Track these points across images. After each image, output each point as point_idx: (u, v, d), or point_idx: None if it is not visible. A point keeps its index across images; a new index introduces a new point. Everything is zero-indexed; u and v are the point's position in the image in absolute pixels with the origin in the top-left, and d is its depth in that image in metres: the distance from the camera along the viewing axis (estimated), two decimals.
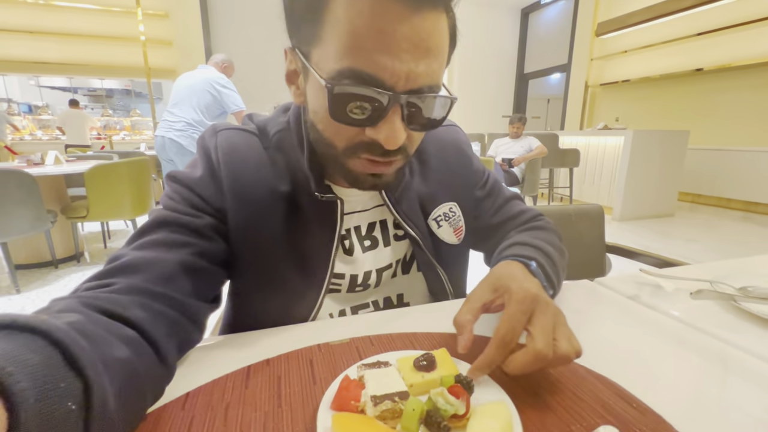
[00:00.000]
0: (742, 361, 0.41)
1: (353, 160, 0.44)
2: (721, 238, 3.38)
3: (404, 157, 0.45)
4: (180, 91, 2.74)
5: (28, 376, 0.22)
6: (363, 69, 0.36)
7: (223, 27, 5.16)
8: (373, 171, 0.44)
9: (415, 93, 0.39)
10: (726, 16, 3.88)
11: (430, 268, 0.58)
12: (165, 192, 0.49)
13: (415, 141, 0.46)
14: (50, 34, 4.87)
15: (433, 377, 0.34)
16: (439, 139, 0.62)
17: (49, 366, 0.23)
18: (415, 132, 0.44)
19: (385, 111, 0.38)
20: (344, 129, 0.41)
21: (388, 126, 0.39)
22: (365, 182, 0.46)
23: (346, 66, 0.37)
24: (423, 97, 0.40)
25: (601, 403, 0.34)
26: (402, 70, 0.37)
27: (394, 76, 0.37)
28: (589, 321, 0.49)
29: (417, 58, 0.37)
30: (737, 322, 0.49)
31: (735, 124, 4.06)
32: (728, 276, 0.58)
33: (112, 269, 0.39)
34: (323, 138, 0.44)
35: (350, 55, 0.36)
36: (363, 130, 0.41)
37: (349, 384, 0.32)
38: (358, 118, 0.39)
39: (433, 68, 0.39)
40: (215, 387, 0.36)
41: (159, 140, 2.75)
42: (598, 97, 5.59)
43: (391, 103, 0.38)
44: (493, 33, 6.44)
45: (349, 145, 0.43)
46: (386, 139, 0.39)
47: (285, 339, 0.45)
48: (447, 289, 0.60)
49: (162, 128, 2.74)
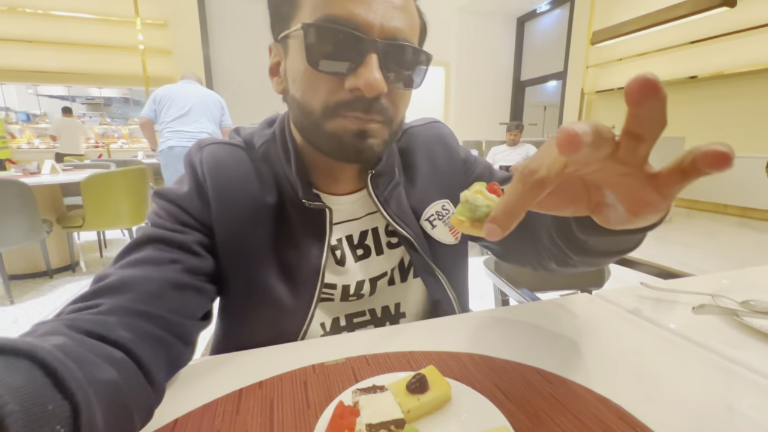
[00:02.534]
0: (746, 379, 0.40)
1: (334, 121, 0.43)
2: (719, 243, 3.38)
3: (387, 118, 0.45)
4: (191, 103, 2.80)
5: (16, 399, 0.21)
6: (336, 14, 0.40)
7: (222, 36, 5.21)
8: (357, 128, 0.43)
9: (390, 41, 0.41)
10: (719, 25, 3.92)
11: (429, 272, 0.57)
12: (152, 209, 0.48)
13: (397, 104, 0.46)
14: (49, 44, 4.89)
15: (429, 399, 0.32)
16: (423, 137, 0.61)
17: (36, 388, 0.22)
18: (396, 90, 0.45)
19: (361, 56, 0.41)
20: (322, 84, 0.42)
21: (366, 70, 0.40)
22: (350, 146, 0.44)
23: (321, 15, 0.40)
24: (399, 45, 0.42)
25: (604, 428, 0.33)
26: (375, 18, 0.40)
27: (367, 23, 0.40)
28: (590, 336, 0.48)
29: (389, 10, 0.41)
30: (740, 337, 0.48)
31: (730, 130, 4.09)
32: (730, 289, 0.57)
33: (97, 290, 0.38)
34: (303, 106, 0.45)
35: (325, 6, 0.40)
36: (342, 84, 0.42)
37: (343, 411, 0.31)
38: (335, 67, 0.41)
39: (406, 24, 0.43)
40: (205, 412, 0.35)
41: (180, 150, 2.76)
42: (594, 104, 5.63)
43: (367, 47, 0.40)
44: (490, 42, 6.50)
45: (329, 103, 0.43)
46: (366, 84, 0.40)
47: (278, 359, 0.44)
48: (449, 294, 0.58)
49: (182, 139, 2.76)
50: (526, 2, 6.03)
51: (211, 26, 5.15)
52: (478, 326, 0.51)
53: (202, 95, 2.87)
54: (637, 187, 0.24)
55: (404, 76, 0.44)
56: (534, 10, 6.28)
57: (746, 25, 3.72)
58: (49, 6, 4.78)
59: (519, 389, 0.38)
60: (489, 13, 6.31)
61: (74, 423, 0.23)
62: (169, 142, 2.78)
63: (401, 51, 0.43)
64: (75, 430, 0.23)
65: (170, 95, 2.80)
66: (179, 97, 2.80)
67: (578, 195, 0.29)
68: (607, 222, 0.28)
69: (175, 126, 2.77)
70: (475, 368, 0.41)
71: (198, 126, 2.80)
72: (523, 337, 0.48)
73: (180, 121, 2.78)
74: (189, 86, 2.86)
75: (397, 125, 0.48)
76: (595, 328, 0.51)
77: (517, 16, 6.56)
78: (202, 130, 2.80)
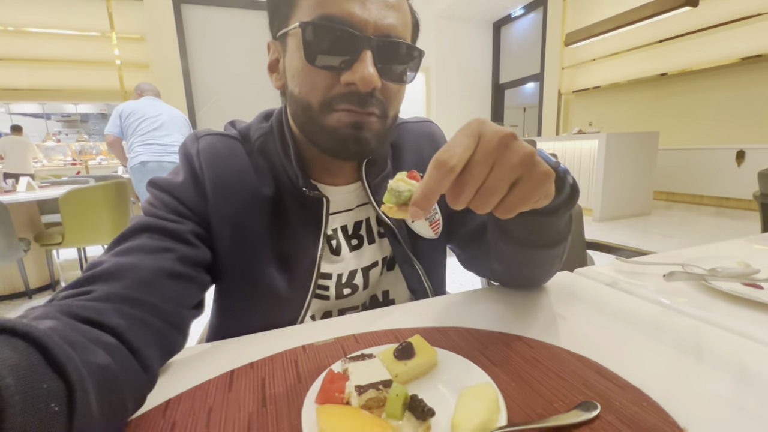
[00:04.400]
0: (714, 335, 0.42)
1: (331, 115, 0.45)
2: (697, 232, 3.50)
3: (381, 113, 0.47)
4: (163, 118, 2.78)
5: (12, 374, 0.21)
6: (333, 13, 0.42)
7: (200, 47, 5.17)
8: (353, 120, 0.45)
9: (383, 38, 0.43)
10: (685, 24, 4.10)
11: (408, 262, 0.58)
12: (146, 199, 0.48)
13: (391, 99, 0.48)
14: (21, 60, 4.77)
15: (416, 363, 0.34)
16: (414, 133, 0.63)
17: (31, 366, 0.22)
18: (390, 84, 0.46)
19: (356, 52, 0.43)
20: (319, 80, 0.44)
21: (361, 65, 0.42)
22: (347, 139, 0.46)
23: (318, 14, 0.42)
24: (392, 42, 0.44)
25: (582, 381, 0.34)
26: (369, 16, 0.42)
27: (362, 21, 0.42)
28: (570, 309, 0.50)
29: (382, 8, 0.43)
30: (708, 300, 0.51)
31: (701, 124, 4.25)
32: (698, 260, 0.60)
33: (90, 277, 0.38)
34: (300, 101, 0.46)
35: (322, 5, 0.42)
36: (338, 78, 0.44)
37: (333, 377, 0.32)
38: (331, 63, 0.43)
39: (399, 22, 0.45)
40: (197, 392, 0.36)
41: (154, 165, 2.71)
42: (571, 103, 5.79)
43: (362, 44, 0.42)
44: (468, 46, 6.63)
45: (326, 98, 0.45)
46: (361, 79, 0.42)
47: (269, 343, 0.44)
48: (425, 285, 0.60)
49: (155, 153, 2.72)
50: (501, 8, 6.19)
51: (188, 38, 5.11)
52: (463, 304, 0.53)
53: (170, 110, 2.85)
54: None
55: (397, 72, 0.46)
56: (509, 14, 6.44)
57: (709, 24, 3.90)
58: (22, 23, 4.69)
59: (502, 355, 0.39)
60: (466, 19, 6.45)
61: (69, 403, 0.23)
62: (140, 157, 2.71)
63: (395, 47, 0.45)
64: (70, 409, 0.23)
65: (138, 110, 2.74)
66: (150, 111, 2.75)
67: None
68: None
69: (147, 140, 2.72)
70: (461, 339, 0.43)
71: (170, 139, 2.76)
72: (507, 312, 0.50)
73: (151, 135, 2.73)
74: (155, 102, 2.82)
75: (392, 120, 0.50)
76: (575, 300, 0.53)
77: (493, 21, 6.72)
78: (174, 143, 2.77)
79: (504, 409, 0.29)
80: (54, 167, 6.45)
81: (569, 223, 0.48)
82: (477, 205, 0.31)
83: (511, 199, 0.31)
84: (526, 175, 0.31)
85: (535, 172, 0.31)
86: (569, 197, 0.42)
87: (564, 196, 0.42)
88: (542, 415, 0.30)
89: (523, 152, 0.30)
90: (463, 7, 5.95)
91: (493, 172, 0.30)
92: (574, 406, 0.31)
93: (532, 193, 0.32)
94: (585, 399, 0.32)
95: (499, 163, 0.30)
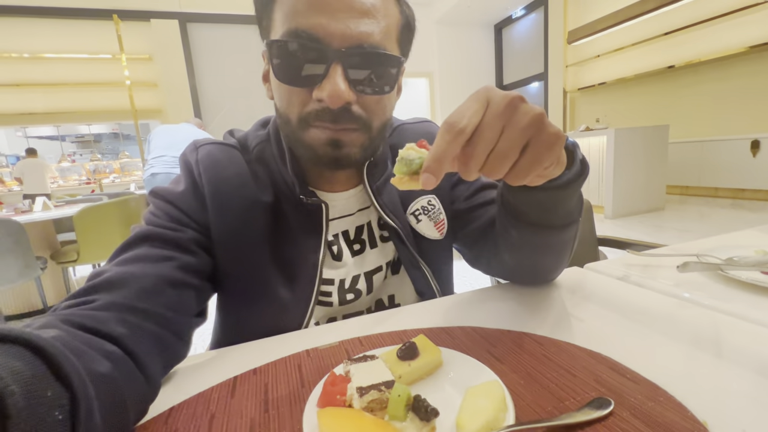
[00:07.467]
0: (733, 326, 0.40)
1: (308, 132, 0.45)
2: (713, 225, 3.40)
3: (362, 127, 0.45)
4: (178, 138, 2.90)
5: (16, 381, 0.21)
6: (300, 28, 0.40)
7: (206, 64, 5.28)
8: (328, 137, 0.44)
9: (355, 49, 0.41)
10: (690, 14, 4.04)
11: (414, 265, 0.57)
12: (148, 208, 0.49)
13: (372, 110, 0.46)
14: (37, 86, 4.93)
15: (420, 363, 0.33)
16: (413, 133, 0.62)
17: (35, 374, 0.22)
18: (368, 97, 0.44)
19: (325, 68, 0.41)
20: (294, 96, 0.43)
21: (329, 82, 0.41)
22: (324, 155, 0.45)
23: (286, 29, 0.41)
24: (363, 54, 0.42)
25: (595, 377, 0.33)
26: (338, 27, 0.40)
27: (329, 34, 0.40)
28: (580, 304, 0.49)
29: (353, 17, 0.40)
30: (726, 290, 0.49)
31: (712, 115, 4.16)
32: (713, 250, 0.58)
33: (92, 286, 0.38)
34: (282, 115, 0.46)
35: (290, 19, 0.41)
36: (310, 94, 0.43)
37: (335, 380, 0.31)
38: (302, 79, 0.42)
39: (373, 29, 0.42)
40: (200, 399, 0.35)
41: (163, 177, 2.80)
42: (577, 101, 5.73)
43: (330, 58, 0.40)
44: (470, 50, 6.63)
45: (301, 113, 0.44)
46: (329, 95, 0.41)
47: (273, 348, 0.44)
48: (433, 287, 0.59)
49: (167, 164, 2.82)
50: (501, 9, 6.18)
51: (195, 56, 5.23)
52: (470, 303, 0.52)
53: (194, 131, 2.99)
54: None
55: (374, 82, 0.44)
56: (510, 16, 6.43)
57: (715, 13, 3.83)
58: (37, 49, 4.85)
59: (510, 352, 0.38)
60: (466, 24, 6.46)
61: (72, 411, 0.23)
62: (152, 169, 2.82)
63: (367, 58, 0.42)
64: (73, 418, 0.23)
65: (162, 130, 2.96)
66: (173, 132, 2.94)
67: None
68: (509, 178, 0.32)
69: (160, 153, 2.84)
70: (467, 338, 0.41)
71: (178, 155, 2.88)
72: (515, 310, 0.49)
73: (165, 149, 2.85)
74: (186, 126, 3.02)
75: (377, 130, 0.48)
76: (585, 296, 0.52)
77: (493, 23, 6.72)
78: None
79: (512, 408, 0.28)
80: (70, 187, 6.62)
81: (580, 205, 0.46)
82: (489, 170, 0.30)
83: (522, 162, 0.31)
84: (536, 137, 0.30)
85: (545, 133, 0.30)
86: (580, 171, 0.41)
87: (575, 169, 0.41)
88: (552, 413, 0.29)
89: (533, 113, 0.29)
90: (462, 11, 5.96)
91: (503, 135, 0.29)
92: (586, 403, 0.29)
93: (543, 155, 0.31)
94: (598, 395, 0.30)
95: (509, 125, 0.29)
